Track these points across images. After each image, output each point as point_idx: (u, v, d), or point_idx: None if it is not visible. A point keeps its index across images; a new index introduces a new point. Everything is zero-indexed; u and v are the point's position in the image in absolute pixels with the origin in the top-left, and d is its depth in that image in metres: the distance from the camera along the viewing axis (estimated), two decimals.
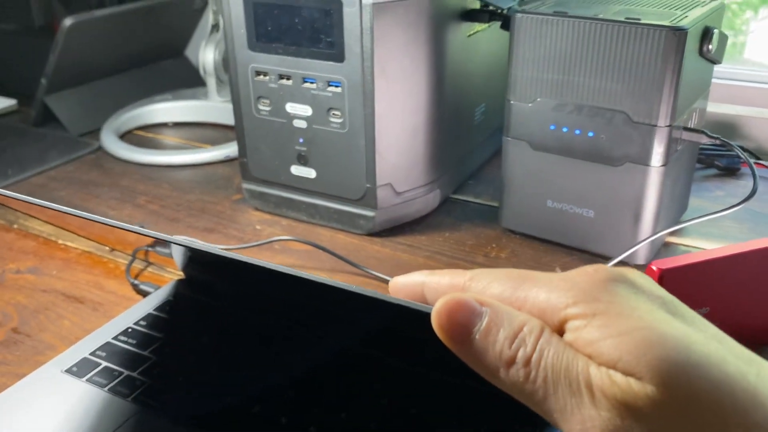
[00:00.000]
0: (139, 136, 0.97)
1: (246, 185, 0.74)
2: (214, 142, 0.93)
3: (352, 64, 0.61)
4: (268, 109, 0.68)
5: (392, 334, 0.46)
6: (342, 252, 0.65)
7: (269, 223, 0.72)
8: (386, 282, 0.60)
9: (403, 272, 0.61)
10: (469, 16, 0.68)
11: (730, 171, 0.83)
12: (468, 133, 0.76)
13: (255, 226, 0.71)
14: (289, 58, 0.64)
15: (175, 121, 1.01)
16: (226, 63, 0.97)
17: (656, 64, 0.53)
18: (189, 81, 1.09)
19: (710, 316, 0.45)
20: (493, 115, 0.81)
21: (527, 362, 0.24)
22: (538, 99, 0.61)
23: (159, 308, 0.54)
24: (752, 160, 0.58)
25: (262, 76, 0.66)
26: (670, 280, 0.44)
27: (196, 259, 0.53)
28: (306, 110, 0.65)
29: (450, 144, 0.72)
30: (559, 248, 0.66)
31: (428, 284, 0.31)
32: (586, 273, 0.27)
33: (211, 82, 0.99)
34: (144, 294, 0.58)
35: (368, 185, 0.66)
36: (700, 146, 0.72)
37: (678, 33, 0.52)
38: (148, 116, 1.00)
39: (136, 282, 0.60)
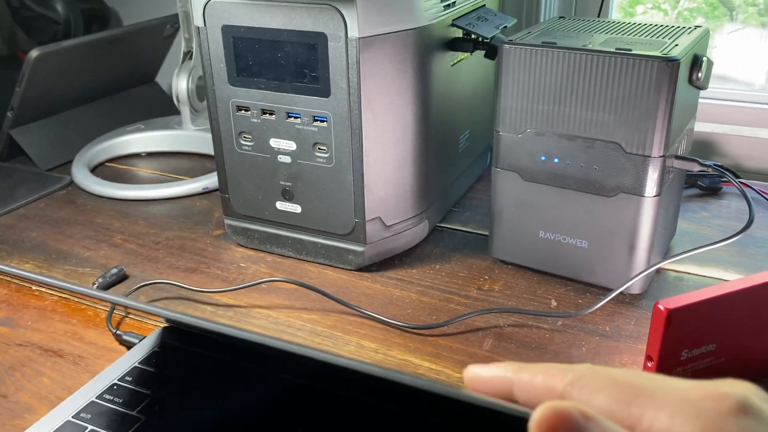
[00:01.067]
0: (112, 168, 0.94)
1: (228, 221, 0.71)
2: (190, 173, 0.90)
3: (338, 99, 0.59)
4: (250, 144, 0.66)
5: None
6: (331, 289, 0.64)
7: (254, 259, 0.70)
8: (379, 321, 0.58)
9: (396, 309, 0.60)
10: (454, 45, 0.67)
11: (712, 190, 0.83)
12: (453, 161, 0.75)
13: (239, 264, 0.69)
14: (272, 93, 0.62)
15: (149, 151, 0.98)
16: (201, 91, 0.96)
17: (649, 94, 0.53)
18: (161, 109, 1.06)
19: (716, 353, 0.45)
20: (475, 141, 0.81)
21: None
22: (528, 130, 0.60)
23: (145, 361, 0.52)
24: (737, 180, 0.58)
25: (243, 111, 0.64)
26: (677, 319, 0.44)
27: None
28: (290, 145, 0.64)
29: (437, 173, 0.70)
30: (552, 279, 0.65)
31: (518, 384, 0.27)
32: (713, 398, 0.23)
33: (185, 110, 0.96)
34: (128, 345, 0.56)
35: (357, 220, 0.64)
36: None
37: (671, 64, 0.51)
38: (121, 147, 0.96)
39: (118, 332, 0.57)
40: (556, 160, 0.59)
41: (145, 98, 1.09)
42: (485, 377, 0.28)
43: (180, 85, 0.93)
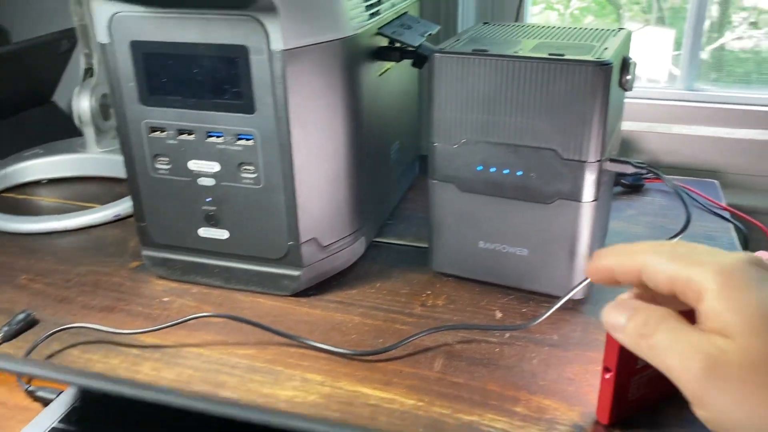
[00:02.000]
0: (10, 198, 0.85)
1: (147, 252, 0.66)
2: (98, 200, 0.83)
3: (264, 115, 0.55)
4: (167, 167, 0.60)
5: None
6: (267, 319, 0.59)
7: (178, 292, 0.64)
8: (323, 351, 0.55)
9: (339, 335, 0.58)
10: (380, 55, 0.65)
11: (635, 188, 0.85)
12: (386, 173, 0.73)
13: (162, 298, 0.64)
14: (189, 112, 0.57)
15: (50, 177, 0.90)
16: (105, 110, 0.89)
17: (584, 99, 0.52)
18: (61, 131, 0.98)
19: None
20: (405, 150, 0.78)
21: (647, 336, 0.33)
22: (463, 140, 0.58)
23: (64, 419, 0.46)
24: (671, 180, 0.59)
25: (158, 132, 0.59)
26: None
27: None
28: (213, 167, 0.59)
29: (371, 187, 0.68)
30: (494, 289, 0.63)
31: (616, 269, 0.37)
32: (735, 257, 0.32)
33: (89, 132, 0.89)
34: (43, 402, 0.49)
35: (291, 242, 0.60)
36: None
37: (605, 67, 0.51)
38: (18, 175, 0.88)
39: (30, 388, 0.50)
40: (492, 170, 0.58)
41: (42, 120, 1.01)
42: (599, 269, 0.38)
43: (82, 104, 0.86)
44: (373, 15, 0.62)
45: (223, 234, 0.62)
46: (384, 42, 0.66)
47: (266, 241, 0.60)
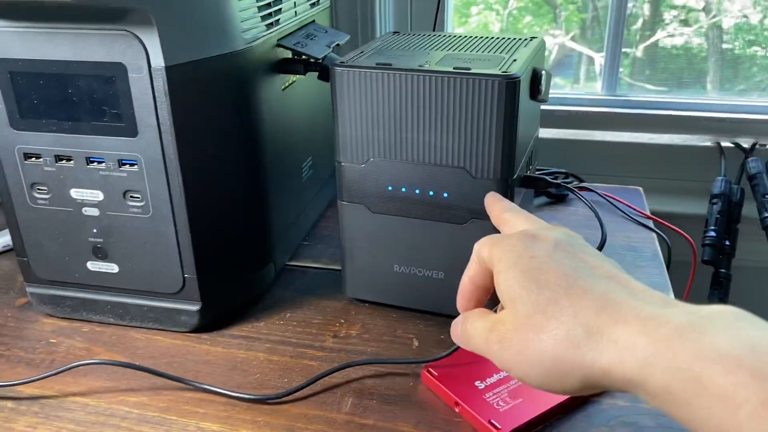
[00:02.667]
0: None
1: (31, 288, 0.60)
2: None
3: (147, 138, 0.50)
4: (46, 197, 0.55)
5: None
6: (163, 360, 0.54)
7: (66, 332, 0.59)
8: (221, 395, 0.50)
9: (241, 375, 0.55)
10: (283, 68, 0.61)
11: (560, 198, 0.83)
12: (297, 192, 0.68)
13: (49, 340, 0.58)
14: (66, 136, 0.52)
15: None
16: None
17: (492, 115, 0.49)
18: None
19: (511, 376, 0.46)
20: (320, 167, 0.74)
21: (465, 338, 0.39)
22: (371, 159, 0.54)
23: None
24: (586, 200, 0.56)
25: (33, 159, 0.53)
26: (440, 371, 0.50)
27: None
28: (96, 195, 0.54)
29: (280, 208, 0.63)
30: (412, 314, 0.60)
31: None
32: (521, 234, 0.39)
33: None
34: None
35: (186, 275, 0.55)
36: None
37: (511, 82, 0.48)
38: None
39: None
40: (403, 190, 0.55)
41: None
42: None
43: None
44: (270, 26, 0.58)
45: (112, 267, 0.56)
46: (286, 53, 0.61)
47: (160, 274, 0.55)
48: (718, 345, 0.27)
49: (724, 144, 0.90)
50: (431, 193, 0.54)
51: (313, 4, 0.69)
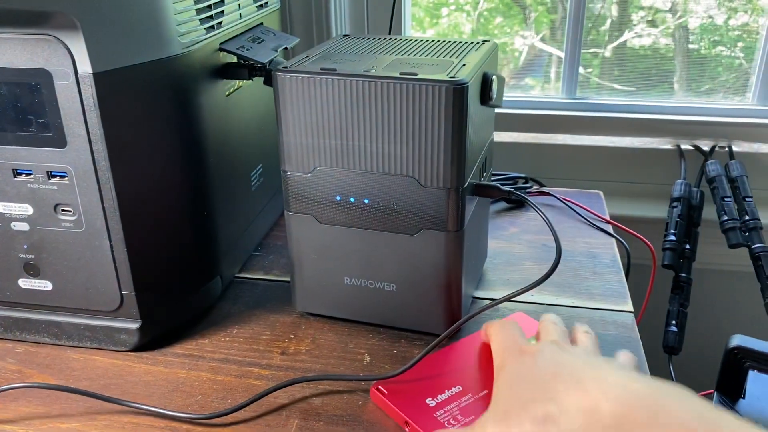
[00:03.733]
0: None
1: None
2: None
3: (77, 149, 0.48)
4: None
5: None
6: (101, 381, 0.52)
7: None
8: (158, 416, 0.48)
9: (182, 396, 0.54)
10: (226, 73, 0.58)
11: (519, 203, 0.82)
12: (246, 202, 0.66)
13: None
14: None
15: None
16: None
17: (439, 122, 0.47)
18: None
19: (464, 392, 0.48)
20: (272, 174, 0.72)
21: None
22: (318, 168, 0.52)
23: None
24: (540, 211, 0.55)
25: None
26: (391, 389, 0.49)
27: None
28: (25, 209, 0.51)
29: (226, 218, 0.61)
30: (364, 328, 0.58)
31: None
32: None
33: None
34: None
35: (124, 292, 0.52)
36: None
37: (458, 88, 0.46)
38: None
39: None
40: (352, 200, 0.52)
41: None
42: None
43: None
44: (211, 29, 0.55)
45: (46, 285, 0.53)
46: (230, 58, 0.59)
47: (96, 291, 0.52)
48: None
49: (684, 147, 0.90)
50: (380, 202, 0.52)
51: (260, 6, 0.67)
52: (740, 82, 0.95)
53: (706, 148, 0.89)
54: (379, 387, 0.49)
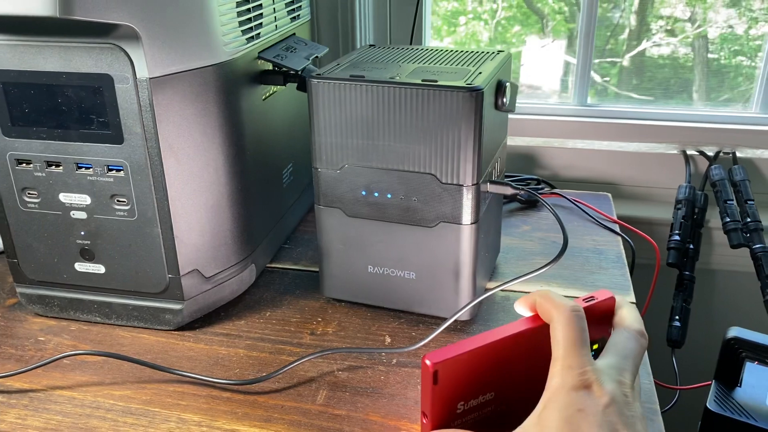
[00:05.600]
0: None
1: (21, 289, 0.62)
2: None
3: (133, 145, 0.53)
4: (36, 201, 0.57)
5: None
6: (148, 356, 0.57)
7: (55, 330, 0.61)
8: (200, 383, 0.53)
9: (222, 369, 0.59)
10: (263, 79, 0.64)
11: (531, 203, 0.86)
12: (278, 197, 0.72)
13: (37, 338, 0.60)
14: (56, 143, 0.55)
15: None
16: None
17: (457, 125, 0.53)
18: None
19: (496, 400, 0.42)
20: (300, 173, 0.77)
21: None
22: (346, 165, 0.57)
23: None
24: (549, 205, 0.60)
25: (24, 165, 0.56)
26: (446, 373, 0.40)
27: None
28: (84, 199, 0.56)
29: (261, 212, 0.66)
30: (386, 313, 0.63)
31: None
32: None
33: None
34: None
35: (170, 275, 0.58)
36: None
37: (474, 93, 0.51)
38: None
39: None
40: (376, 194, 0.58)
41: None
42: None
43: None
44: (251, 39, 0.61)
45: (99, 269, 0.59)
46: (267, 65, 0.65)
47: (145, 274, 0.58)
48: None
49: (689, 152, 0.94)
50: (402, 197, 0.57)
51: (293, 18, 0.72)
52: None
53: (710, 153, 0.93)
54: (436, 363, 0.41)
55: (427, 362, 0.40)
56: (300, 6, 0.74)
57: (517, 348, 0.42)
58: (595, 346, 0.44)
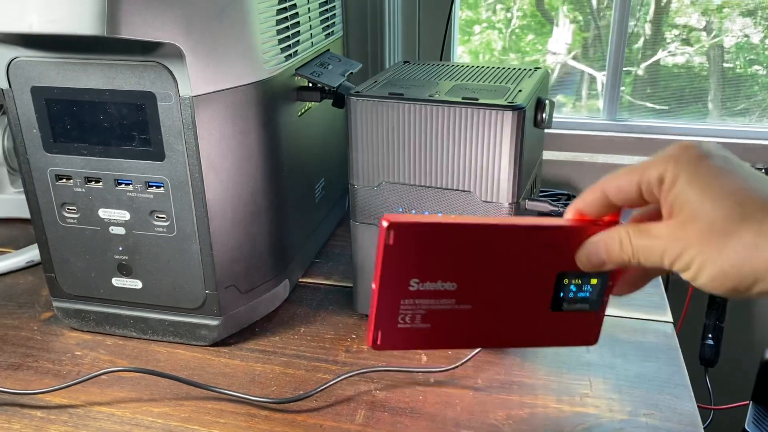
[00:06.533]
0: None
1: (58, 303, 0.62)
2: (11, 244, 0.79)
3: (174, 162, 0.54)
4: (75, 216, 0.58)
5: None
6: (184, 372, 0.57)
7: (91, 345, 0.61)
8: (239, 401, 0.53)
9: (259, 387, 0.56)
10: (300, 95, 0.64)
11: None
12: (311, 212, 0.72)
13: (74, 352, 0.60)
14: (96, 159, 0.55)
15: None
16: None
17: (498, 142, 0.52)
18: None
19: (459, 296, 0.37)
20: (331, 188, 0.77)
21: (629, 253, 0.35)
22: (383, 182, 0.57)
23: None
24: None
25: (64, 180, 0.57)
26: (404, 237, 0.35)
27: None
28: (123, 215, 0.57)
29: (294, 228, 0.66)
30: None
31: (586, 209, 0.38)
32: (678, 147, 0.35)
33: (2, 172, 0.85)
34: None
35: (208, 291, 0.58)
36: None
37: (517, 111, 0.51)
38: None
39: None
40: (413, 212, 0.58)
41: None
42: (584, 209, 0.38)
43: None
44: (289, 57, 0.61)
45: (136, 284, 0.59)
46: (303, 82, 0.65)
47: (182, 290, 0.58)
48: None
49: None
50: (439, 214, 0.57)
51: (327, 35, 0.73)
52: None
53: None
54: (394, 224, 0.34)
55: (384, 223, 0.35)
56: (334, 22, 0.75)
57: (502, 243, 0.37)
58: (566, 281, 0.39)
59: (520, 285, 0.38)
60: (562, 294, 0.39)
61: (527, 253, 0.37)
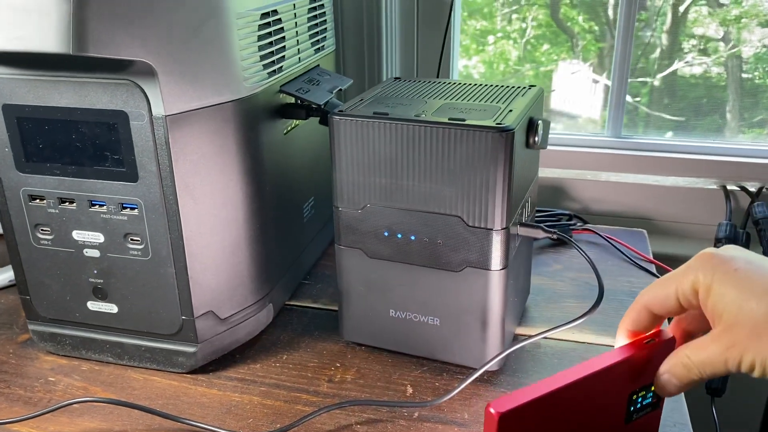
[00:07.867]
0: None
1: (33, 326, 0.60)
2: None
3: (147, 183, 0.51)
4: (49, 237, 0.56)
5: None
6: (159, 400, 0.55)
7: (66, 370, 0.59)
8: None
9: (235, 419, 0.55)
10: (285, 113, 0.62)
11: (563, 240, 0.83)
12: (299, 233, 0.69)
13: (47, 378, 0.58)
14: (69, 180, 0.53)
15: None
16: None
17: (486, 166, 0.50)
18: None
19: None
20: (322, 206, 0.75)
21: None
22: (368, 205, 0.55)
23: None
24: (584, 252, 0.56)
25: (38, 201, 0.55)
26: (510, 421, 0.37)
27: None
28: (97, 237, 0.55)
29: (280, 249, 0.64)
30: (408, 360, 0.60)
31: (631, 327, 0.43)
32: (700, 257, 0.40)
33: None
34: None
35: (184, 317, 0.56)
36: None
37: (505, 134, 0.49)
38: None
39: None
40: (399, 236, 0.55)
41: None
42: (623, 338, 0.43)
43: None
44: (273, 73, 0.59)
45: (112, 308, 0.57)
46: (290, 99, 0.63)
47: (158, 315, 0.56)
48: None
49: (730, 187, 0.90)
50: (426, 240, 0.54)
51: (317, 50, 0.70)
52: None
53: (752, 189, 0.89)
54: (502, 413, 0.38)
55: (492, 410, 0.37)
56: (325, 37, 0.72)
57: (583, 391, 0.41)
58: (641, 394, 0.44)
59: (600, 412, 0.43)
60: (632, 408, 0.44)
61: (605, 386, 0.42)
